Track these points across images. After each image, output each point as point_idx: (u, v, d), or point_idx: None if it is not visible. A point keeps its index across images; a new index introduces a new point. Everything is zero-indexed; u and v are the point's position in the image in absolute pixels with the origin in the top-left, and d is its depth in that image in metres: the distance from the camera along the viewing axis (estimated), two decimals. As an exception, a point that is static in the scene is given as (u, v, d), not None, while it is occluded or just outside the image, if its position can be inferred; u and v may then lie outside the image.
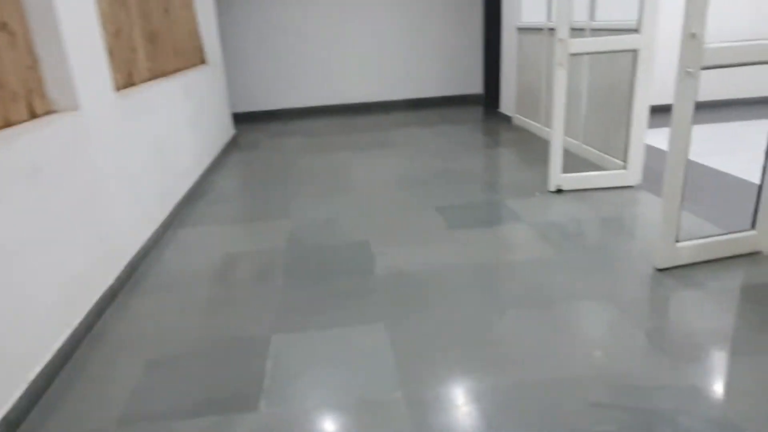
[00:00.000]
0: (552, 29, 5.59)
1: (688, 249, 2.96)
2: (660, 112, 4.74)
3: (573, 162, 4.86)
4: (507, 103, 7.29)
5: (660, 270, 2.94)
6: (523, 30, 6.52)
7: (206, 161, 5.62)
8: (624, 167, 4.39)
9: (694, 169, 4.29)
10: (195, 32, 6.15)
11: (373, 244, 3.52)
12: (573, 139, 5.26)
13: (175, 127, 4.68)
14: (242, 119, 8.68)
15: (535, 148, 5.73)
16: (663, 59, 4.90)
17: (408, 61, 8.83)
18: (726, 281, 2.80)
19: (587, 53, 4.47)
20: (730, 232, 3.08)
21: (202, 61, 6.35)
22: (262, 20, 8.45)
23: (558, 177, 4.31)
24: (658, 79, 4.47)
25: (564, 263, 3.11)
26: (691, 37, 2.54)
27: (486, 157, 5.63)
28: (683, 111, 2.69)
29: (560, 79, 4.07)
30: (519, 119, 6.88)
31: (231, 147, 6.73)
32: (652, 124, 4.50)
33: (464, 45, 8.85)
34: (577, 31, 5.36)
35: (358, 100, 8.94)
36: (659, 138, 4.75)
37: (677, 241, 2.92)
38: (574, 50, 3.98)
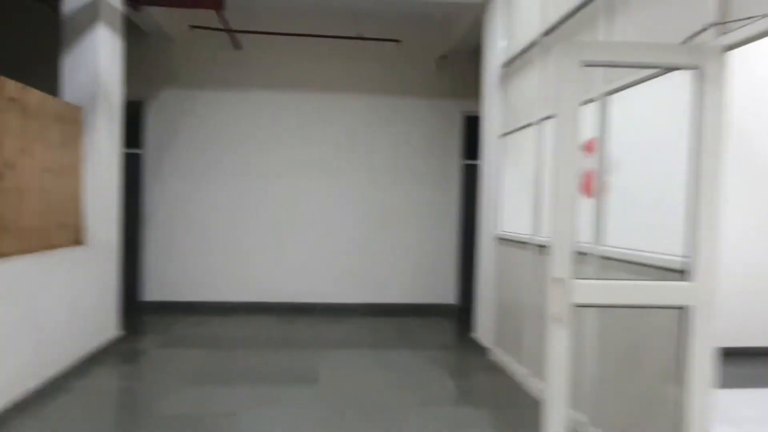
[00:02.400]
0: (542, 246, 4.09)
1: None
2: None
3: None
4: (483, 328, 5.57)
5: None
6: (503, 241, 5.07)
7: (29, 384, 3.67)
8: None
9: None
10: (69, 205, 4.64)
11: None
12: (578, 413, 3.41)
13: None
14: (153, 309, 6.87)
15: (521, 409, 3.86)
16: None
17: (370, 258, 7.32)
18: None
19: (600, 306, 2.81)
20: None
21: (76, 242, 4.74)
22: (190, 194, 7.11)
23: None
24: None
25: None
26: None
27: (448, 422, 3.71)
28: None
29: (558, 341, 2.37)
30: (498, 354, 5.09)
31: (95, 359, 4.80)
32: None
33: (438, 247, 7.44)
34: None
35: (301, 299, 7.24)
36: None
37: None
38: (580, 299, 2.33)
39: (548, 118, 4.05)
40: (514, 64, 4.97)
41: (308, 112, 7.23)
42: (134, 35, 6.92)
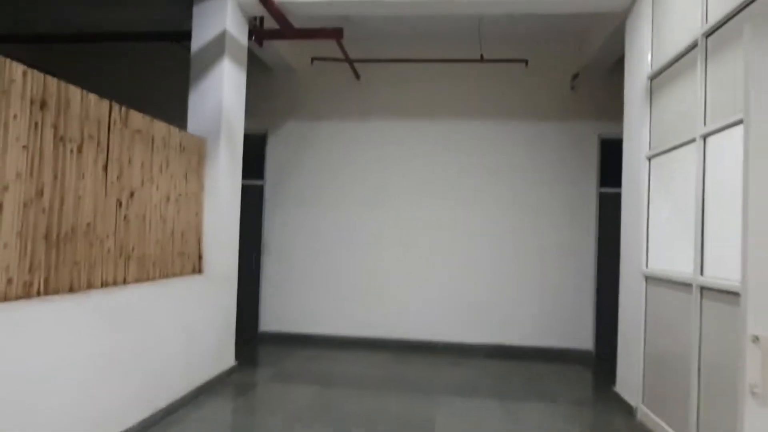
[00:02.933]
0: (708, 289, 3.31)
1: None
2: None
3: None
4: (628, 382, 4.74)
5: None
6: (654, 280, 4.28)
7: (143, 412, 3.63)
8: None
9: None
10: (189, 234, 4.69)
11: None
12: None
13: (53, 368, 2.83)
14: (270, 341, 6.85)
15: (682, 499, 3.08)
16: None
17: (496, 295, 6.74)
18: None
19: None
20: None
21: (194, 270, 4.77)
22: (310, 225, 7.06)
23: None
24: None
25: None
26: None
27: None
28: None
29: (758, 422, 1.71)
30: (648, 417, 4.25)
31: (210, 389, 4.75)
32: None
33: (573, 285, 6.66)
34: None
35: (420, 337, 6.82)
36: None
37: None
38: (796, 368, 1.66)
39: (716, 132, 3.32)
40: (664, 74, 4.26)
41: (431, 140, 6.93)
42: (259, 70, 7.14)
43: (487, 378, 5.52)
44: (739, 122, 2.97)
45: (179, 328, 4.32)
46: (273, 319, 7.07)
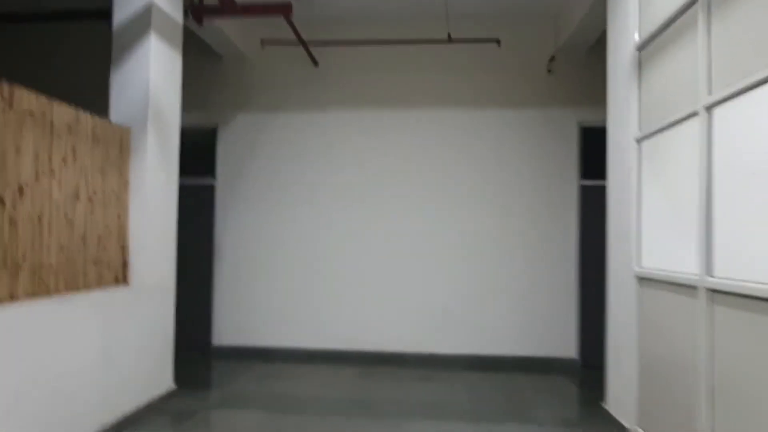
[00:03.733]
0: (720, 292, 2.73)
1: None
2: None
3: None
4: (619, 398, 4.16)
5: None
6: (648, 281, 3.71)
7: (17, 472, 2.93)
8: None
9: None
10: (109, 239, 3.98)
11: None
12: None
13: None
14: (224, 355, 6.15)
15: None
16: None
17: (470, 300, 6.15)
18: None
19: None
20: None
21: (117, 281, 4.06)
22: (265, 227, 6.39)
23: None
24: None
25: None
26: None
27: None
28: None
29: None
30: (645, 439, 3.67)
31: (137, 419, 4.05)
32: None
33: (554, 287, 6.09)
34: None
35: (388, 348, 6.18)
36: None
37: None
38: None
39: (725, 100, 2.75)
40: (655, 42, 3.70)
41: (398, 131, 6.31)
42: (206, 57, 6.45)
43: (461, 394, 4.90)
44: (762, 83, 2.40)
45: (92, 351, 3.62)
46: (227, 331, 6.36)
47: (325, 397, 4.78)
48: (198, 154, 6.58)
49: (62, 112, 3.49)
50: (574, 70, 6.13)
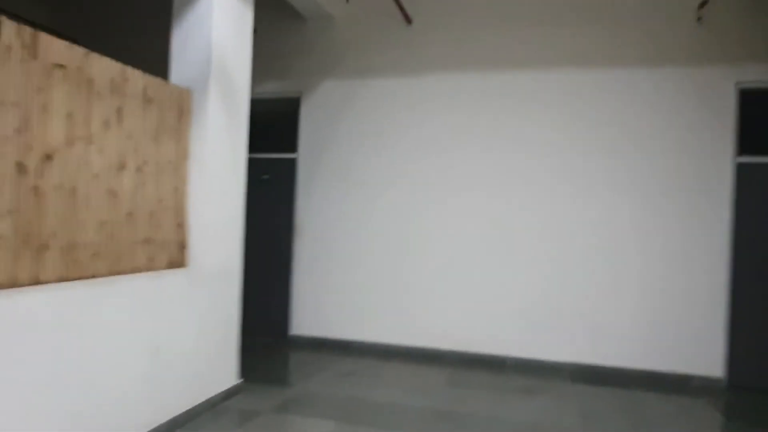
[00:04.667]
0: None
1: None
2: None
3: None
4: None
5: None
6: None
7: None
8: None
9: None
10: (164, 215, 3.51)
11: None
12: None
13: None
14: (302, 346, 5.65)
15: None
16: None
17: (588, 298, 5.15)
18: None
19: None
20: None
21: (172, 264, 3.60)
22: (351, 206, 5.76)
23: None
24: None
25: None
26: None
27: None
28: None
29: None
30: None
31: (183, 425, 3.59)
32: None
33: (694, 286, 4.93)
34: None
35: (484, 350, 5.36)
36: None
37: None
38: None
39: None
40: None
41: (503, 100, 5.39)
42: (290, 20, 5.89)
43: (572, 415, 3.98)
44: None
45: (138, 343, 3.17)
46: (307, 319, 5.86)
47: (406, 405, 4.08)
48: (280, 127, 6.08)
49: (104, 67, 3.01)
50: (733, 17, 4.84)
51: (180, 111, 3.65)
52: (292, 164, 5.99)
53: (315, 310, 5.83)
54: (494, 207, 5.37)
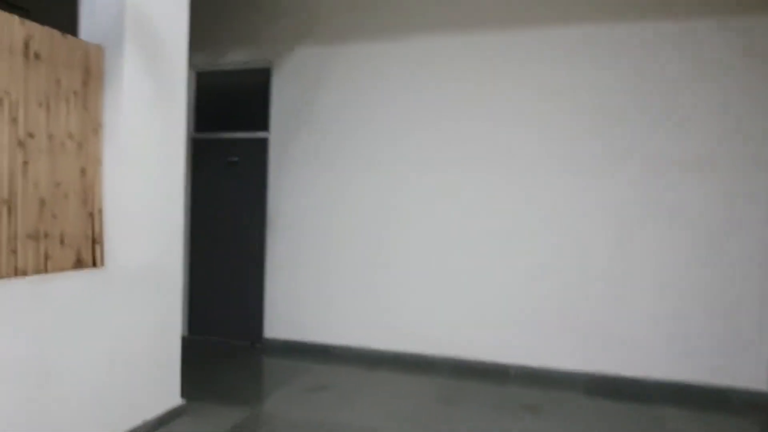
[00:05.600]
0: None
1: None
2: None
3: None
4: None
5: None
6: None
7: None
8: None
9: None
10: (66, 203, 2.79)
11: None
12: None
13: None
14: (276, 351, 4.94)
15: None
16: None
17: (605, 295, 4.36)
18: None
19: None
20: None
21: (80, 263, 2.88)
22: (331, 192, 5.01)
23: None
24: None
25: None
26: None
27: None
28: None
29: None
30: None
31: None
32: None
33: (734, 285, 4.11)
34: None
35: (482, 356, 4.60)
36: None
37: None
38: None
39: None
40: None
41: (515, 63, 4.57)
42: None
43: (586, 446, 3.22)
44: None
45: (19, 366, 2.47)
46: (282, 320, 5.15)
47: (386, 429, 3.34)
48: (248, 102, 5.34)
49: (-44, 9, 2.28)
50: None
51: (86, 73, 2.92)
52: (263, 145, 5.25)
53: (290, 310, 5.11)
54: (497, 194, 4.58)
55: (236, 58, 5.26)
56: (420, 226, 4.75)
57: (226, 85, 5.40)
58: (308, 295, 5.06)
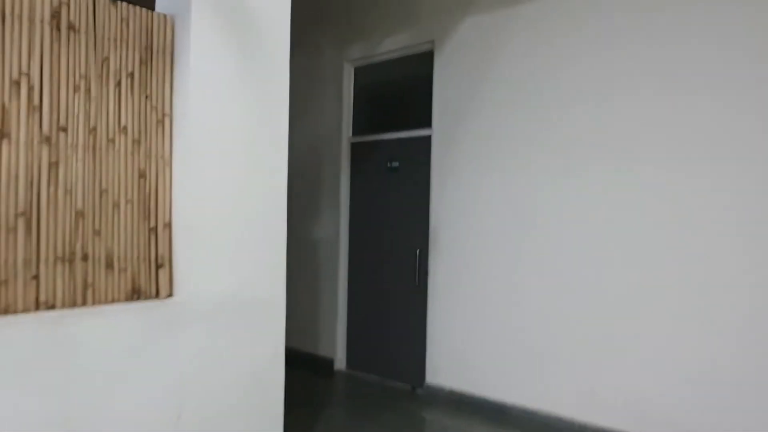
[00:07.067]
0: None
1: None
2: None
3: None
4: None
5: None
6: None
7: None
8: None
9: None
10: (115, 218, 2.17)
11: None
12: None
13: None
14: (439, 403, 3.87)
15: None
16: None
17: None
18: None
19: None
20: None
21: (135, 294, 2.24)
22: (521, 204, 3.79)
23: None
24: None
25: None
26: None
27: None
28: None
29: None
30: None
31: None
32: None
33: None
34: None
35: (749, 458, 2.86)
36: None
37: None
38: None
39: None
40: None
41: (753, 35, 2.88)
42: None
43: None
44: None
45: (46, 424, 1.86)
46: (446, 363, 4.07)
47: None
48: (405, 96, 4.46)
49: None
50: None
51: (147, 49, 2.29)
52: (425, 144, 4.28)
53: (458, 351, 3.99)
54: (734, 197, 2.86)
55: (395, 44, 4.42)
56: (651, 243, 3.23)
57: (384, 78, 4.61)
58: (481, 333, 3.88)
